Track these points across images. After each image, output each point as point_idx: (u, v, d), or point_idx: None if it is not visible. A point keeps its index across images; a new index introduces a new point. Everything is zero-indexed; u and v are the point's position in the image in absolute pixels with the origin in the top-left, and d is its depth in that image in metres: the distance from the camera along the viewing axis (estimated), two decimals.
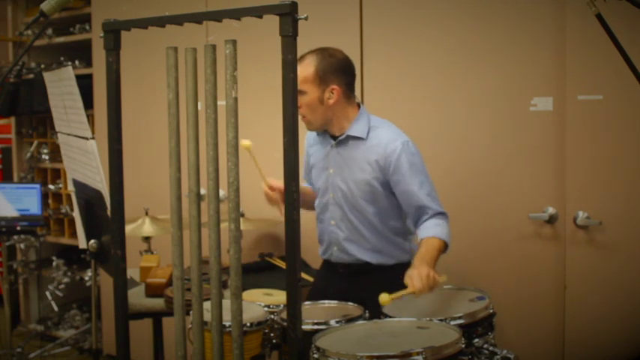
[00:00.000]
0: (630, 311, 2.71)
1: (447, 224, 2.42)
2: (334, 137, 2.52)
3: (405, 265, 2.31)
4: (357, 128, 2.47)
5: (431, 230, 2.38)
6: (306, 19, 1.63)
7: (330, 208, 2.55)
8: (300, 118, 2.42)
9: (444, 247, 2.37)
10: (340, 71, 2.45)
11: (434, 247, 2.33)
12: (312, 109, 2.44)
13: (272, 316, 2.25)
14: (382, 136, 2.45)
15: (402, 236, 2.55)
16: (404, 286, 2.18)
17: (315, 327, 2.07)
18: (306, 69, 2.41)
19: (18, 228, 3.78)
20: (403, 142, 2.43)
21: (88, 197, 2.51)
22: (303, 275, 2.99)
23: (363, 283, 2.49)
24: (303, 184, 2.73)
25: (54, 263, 4.68)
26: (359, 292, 2.41)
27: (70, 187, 2.73)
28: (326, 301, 2.38)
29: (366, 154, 2.46)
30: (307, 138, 2.68)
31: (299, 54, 1.67)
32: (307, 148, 2.69)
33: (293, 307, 1.70)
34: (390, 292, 2.12)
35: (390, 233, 2.51)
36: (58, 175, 4.72)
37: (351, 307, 2.29)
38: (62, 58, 4.57)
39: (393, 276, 2.34)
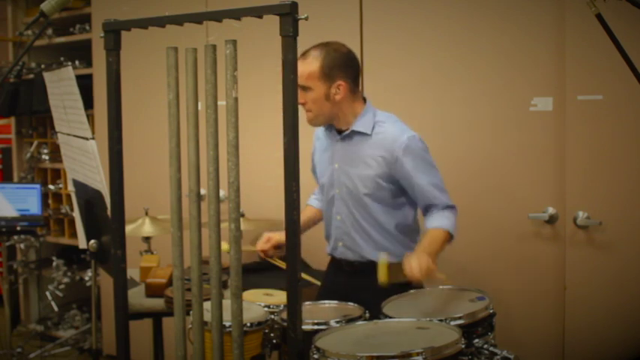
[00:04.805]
0: (630, 311, 2.71)
1: (454, 217, 2.44)
2: (339, 132, 2.51)
3: None
4: (362, 124, 2.45)
5: (437, 221, 2.40)
6: (306, 19, 1.63)
7: (336, 203, 2.53)
8: (305, 113, 2.43)
9: (450, 238, 2.40)
10: (346, 66, 2.42)
11: (439, 238, 2.36)
12: (318, 105, 2.41)
13: (272, 316, 2.24)
14: (388, 132, 2.44)
15: (409, 235, 2.54)
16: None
17: (315, 327, 2.07)
18: (310, 65, 2.38)
19: (18, 228, 3.78)
20: (409, 136, 2.41)
21: (88, 197, 2.50)
22: (303, 275, 2.99)
23: (368, 282, 2.45)
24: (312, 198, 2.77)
25: (54, 263, 4.68)
26: (363, 292, 2.40)
27: (70, 187, 2.73)
28: (326, 301, 2.38)
29: (372, 150, 2.44)
30: (316, 133, 2.66)
31: (299, 54, 1.67)
32: (315, 143, 2.67)
33: (293, 307, 1.70)
34: (393, 293, 2.25)
35: (396, 231, 2.50)
36: (58, 175, 4.72)
37: (351, 307, 2.29)
38: (62, 58, 4.57)
39: None
